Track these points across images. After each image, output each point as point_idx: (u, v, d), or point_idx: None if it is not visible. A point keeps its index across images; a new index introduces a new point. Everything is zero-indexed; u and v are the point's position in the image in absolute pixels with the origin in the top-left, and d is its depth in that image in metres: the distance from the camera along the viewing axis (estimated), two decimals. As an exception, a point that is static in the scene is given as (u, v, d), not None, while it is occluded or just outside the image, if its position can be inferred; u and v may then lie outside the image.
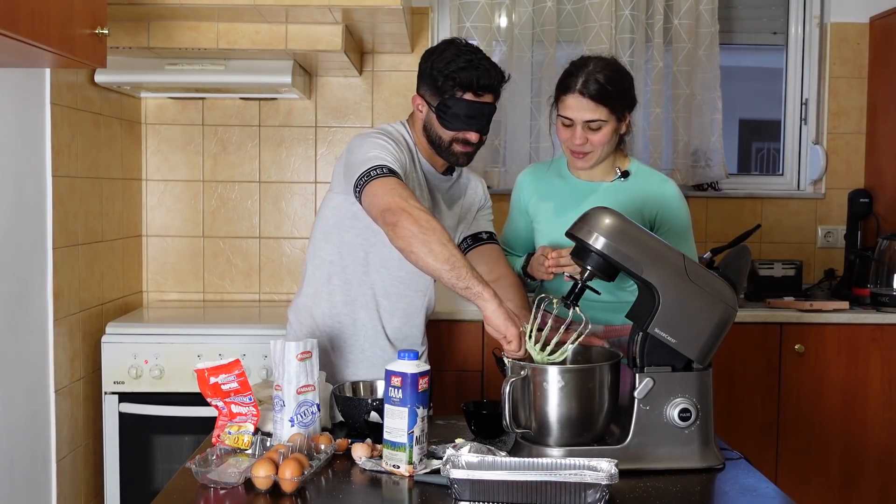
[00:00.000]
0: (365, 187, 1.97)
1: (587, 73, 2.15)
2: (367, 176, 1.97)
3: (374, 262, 2.19)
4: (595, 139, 2.18)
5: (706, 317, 1.75)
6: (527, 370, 1.75)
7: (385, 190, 1.93)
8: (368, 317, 2.22)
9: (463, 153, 2.15)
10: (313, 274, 2.25)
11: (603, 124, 2.17)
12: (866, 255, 3.40)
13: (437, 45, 2.17)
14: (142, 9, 2.66)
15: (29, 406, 2.54)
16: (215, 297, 3.61)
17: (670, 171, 3.59)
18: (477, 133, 2.12)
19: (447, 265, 1.82)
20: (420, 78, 2.17)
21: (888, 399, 3.18)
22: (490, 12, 3.52)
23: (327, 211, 2.22)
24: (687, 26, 3.54)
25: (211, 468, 1.66)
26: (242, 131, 3.59)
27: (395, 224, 1.86)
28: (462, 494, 1.54)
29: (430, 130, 2.15)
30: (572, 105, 2.17)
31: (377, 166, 1.98)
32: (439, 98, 2.10)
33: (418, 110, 2.18)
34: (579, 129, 2.17)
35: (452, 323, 3.11)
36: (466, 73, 2.07)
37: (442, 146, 2.14)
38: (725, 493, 1.68)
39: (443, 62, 2.09)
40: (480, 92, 2.09)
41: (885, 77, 3.57)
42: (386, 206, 1.90)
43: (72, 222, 2.80)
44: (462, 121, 2.09)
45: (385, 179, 1.96)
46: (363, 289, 2.20)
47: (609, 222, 1.75)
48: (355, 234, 2.18)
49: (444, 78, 2.08)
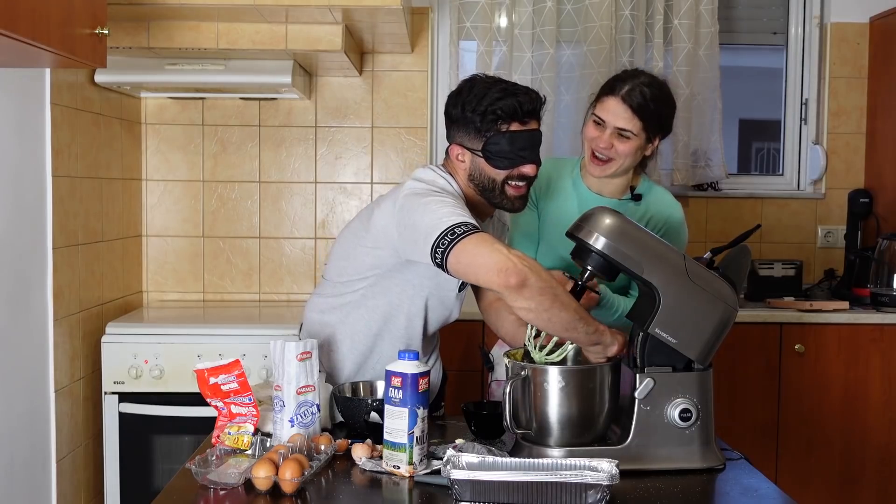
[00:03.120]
0: (453, 248, 1.75)
1: (635, 84, 2.17)
2: (451, 234, 1.76)
3: (409, 311, 2.07)
4: (620, 148, 2.18)
5: (706, 317, 1.75)
6: (527, 370, 1.74)
7: (487, 249, 1.73)
8: (391, 346, 2.08)
9: (518, 197, 1.98)
10: (341, 297, 2.10)
11: (633, 136, 2.17)
12: (866, 255, 3.40)
13: (459, 87, 1.99)
14: (142, 9, 2.65)
15: (29, 406, 2.54)
16: (215, 297, 3.61)
17: (670, 172, 3.59)
18: (532, 165, 1.96)
19: (577, 315, 1.74)
20: (453, 125, 1.99)
21: (888, 399, 3.18)
22: (490, 12, 3.52)
23: (366, 259, 2.03)
24: (687, 26, 3.54)
25: (211, 469, 1.66)
26: (242, 131, 3.58)
27: (523, 285, 1.70)
28: (462, 495, 1.54)
29: (481, 178, 1.97)
30: (610, 108, 2.17)
31: (460, 224, 1.78)
32: (482, 139, 1.93)
33: (459, 160, 1.99)
34: (608, 132, 2.18)
35: (452, 323, 3.10)
36: (507, 103, 1.91)
37: (496, 191, 1.97)
38: (726, 494, 1.68)
39: (475, 100, 1.92)
40: (526, 119, 1.93)
41: (885, 77, 3.57)
42: (503, 267, 1.70)
43: (72, 222, 2.80)
44: (514, 155, 1.93)
45: (477, 235, 1.76)
46: (390, 327, 2.08)
47: (609, 222, 1.75)
48: (394, 283, 2.03)
49: (482, 115, 1.91)
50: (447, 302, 2.10)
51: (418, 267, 1.97)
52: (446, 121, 2.02)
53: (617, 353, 1.80)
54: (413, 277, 2.02)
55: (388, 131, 3.60)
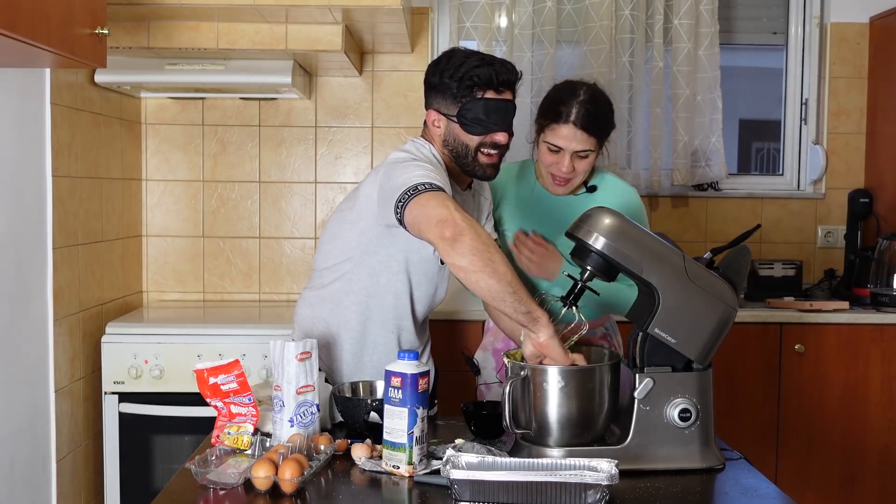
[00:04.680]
0: (411, 201, 1.80)
1: (579, 104, 2.20)
2: (413, 190, 1.81)
3: (395, 289, 2.10)
4: (580, 167, 2.25)
5: (706, 317, 1.75)
6: (527, 370, 1.75)
7: (437, 202, 1.77)
8: (382, 334, 2.13)
9: (490, 165, 2.03)
10: (329, 286, 2.14)
11: (590, 153, 2.24)
12: (866, 255, 3.40)
13: (438, 57, 2.06)
14: (142, 9, 2.65)
15: (29, 406, 2.54)
16: (215, 297, 3.61)
17: (670, 172, 3.59)
18: (505, 133, 2.01)
19: (510, 288, 1.71)
20: (430, 92, 2.05)
21: (888, 399, 3.18)
22: (490, 12, 3.52)
23: (350, 235, 2.08)
24: (687, 26, 3.54)
25: (210, 469, 1.66)
26: (242, 131, 3.59)
27: (455, 239, 1.70)
28: (462, 495, 1.54)
29: (455, 143, 2.02)
30: (564, 134, 2.21)
31: (424, 183, 1.82)
32: (458, 104, 1.99)
33: (434, 126, 2.05)
34: (568, 158, 2.22)
35: (453, 323, 3.11)
36: (483, 70, 1.97)
37: (469, 156, 2.02)
38: (726, 494, 1.68)
39: (453, 68, 1.99)
40: (501, 88, 1.99)
41: (885, 77, 3.57)
42: (442, 218, 1.73)
43: (72, 222, 2.80)
44: (487, 121, 1.98)
45: (436, 193, 1.80)
46: (380, 310, 2.12)
47: (609, 222, 1.75)
48: (378, 260, 2.07)
49: (459, 81, 1.97)
50: (430, 275, 2.12)
51: (398, 238, 2.00)
52: (425, 89, 2.07)
53: (544, 344, 1.75)
54: (395, 251, 2.06)
55: (388, 131, 3.60)
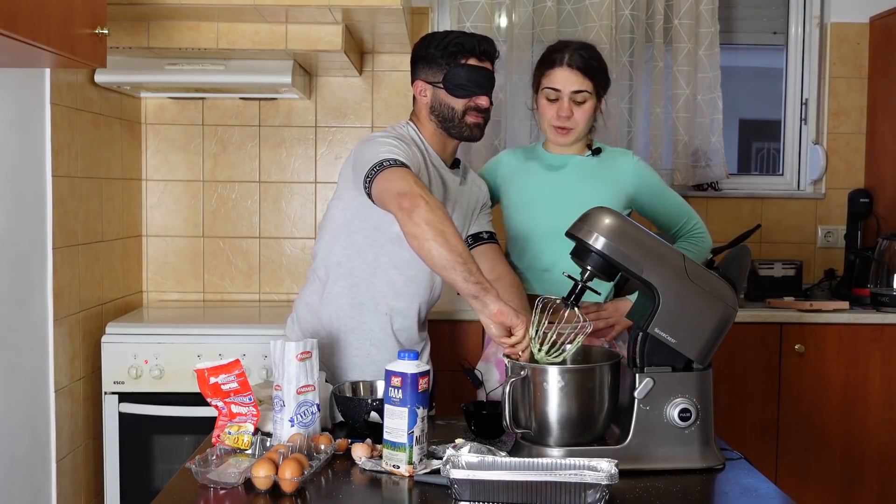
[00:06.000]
0: (376, 176, 1.94)
1: (572, 50, 2.33)
2: (378, 166, 1.95)
3: (384, 264, 2.16)
4: (578, 115, 2.32)
5: (706, 317, 1.75)
6: (526, 370, 1.75)
7: (399, 176, 1.91)
8: (376, 320, 2.19)
9: (475, 124, 2.17)
10: (320, 275, 2.23)
11: (588, 97, 2.32)
12: (866, 255, 3.40)
13: (423, 37, 2.24)
14: (142, 9, 2.66)
15: (29, 406, 2.54)
16: (215, 297, 3.61)
17: (670, 171, 3.59)
18: (487, 98, 2.16)
19: (460, 259, 1.80)
20: (416, 65, 2.21)
21: (888, 399, 3.18)
22: (490, 12, 3.52)
23: (335, 213, 2.20)
24: (687, 26, 3.54)
25: (211, 468, 1.66)
26: (242, 131, 3.59)
27: (412, 209, 1.82)
28: (462, 495, 1.54)
29: (441, 107, 2.16)
30: (560, 77, 2.32)
31: (389, 159, 1.96)
32: (443, 71, 2.15)
33: (422, 95, 2.20)
34: (566, 100, 2.32)
35: (452, 323, 3.11)
36: (466, 40, 2.15)
37: (455, 119, 2.15)
38: (725, 494, 1.68)
39: (437, 40, 2.17)
40: (482, 57, 2.16)
41: (885, 77, 3.57)
42: (402, 191, 1.86)
43: (72, 222, 2.80)
44: (471, 86, 2.14)
45: (399, 168, 1.94)
46: (371, 292, 2.18)
47: (609, 222, 1.75)
48: (364, 235, 2.16)
49: (444, 49, 2.14)
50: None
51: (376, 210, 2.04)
52: (412, 64, 2.23)
53: (497, 313, 1.78)
54: (378, 222, 2.12)
55: (388, 131, 3.59)
